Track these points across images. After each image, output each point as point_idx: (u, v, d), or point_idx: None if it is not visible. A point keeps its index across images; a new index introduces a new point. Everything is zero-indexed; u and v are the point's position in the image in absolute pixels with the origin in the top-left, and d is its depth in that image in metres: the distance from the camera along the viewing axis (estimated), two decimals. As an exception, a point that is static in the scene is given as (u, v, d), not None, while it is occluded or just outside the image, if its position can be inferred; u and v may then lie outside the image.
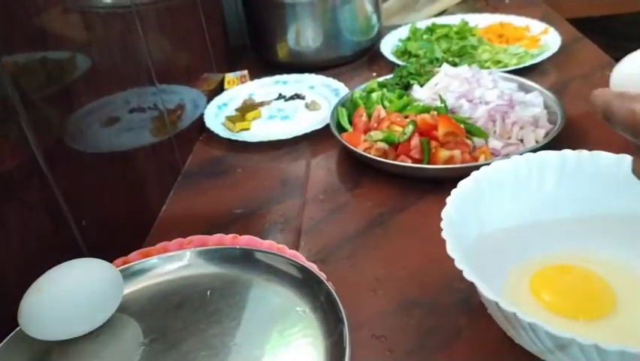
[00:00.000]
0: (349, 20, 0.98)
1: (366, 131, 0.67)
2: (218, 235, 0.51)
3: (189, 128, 0.76)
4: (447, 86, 0.74)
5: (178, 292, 0.43)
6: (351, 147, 0.64)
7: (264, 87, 0.93)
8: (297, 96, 0.88)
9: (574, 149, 0.45)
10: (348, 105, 0.77)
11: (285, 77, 0.94)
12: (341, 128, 0.73)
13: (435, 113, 0.66)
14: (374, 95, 0.76)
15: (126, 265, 0.45)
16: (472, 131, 0.65)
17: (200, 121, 0.81)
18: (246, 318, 0.40)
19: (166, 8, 0.70)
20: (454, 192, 0.42)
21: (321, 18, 0.96)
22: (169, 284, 0.44)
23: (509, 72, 0.78)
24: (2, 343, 0.37)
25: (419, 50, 0.95)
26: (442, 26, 1.04)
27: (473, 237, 0.42)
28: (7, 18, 0.39)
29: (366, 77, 0.94)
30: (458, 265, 0.35)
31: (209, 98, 0.86)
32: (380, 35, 1.05)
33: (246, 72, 0.97)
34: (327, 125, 0.72)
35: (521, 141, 0.65)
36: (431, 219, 0.41)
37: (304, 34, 0.97)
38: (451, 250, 0.36)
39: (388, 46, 1.01)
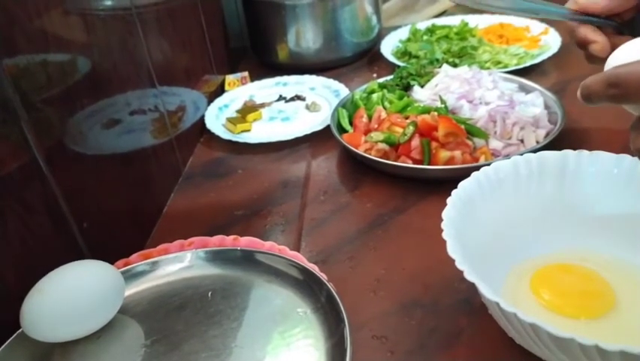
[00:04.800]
0: (349, 21, 0.98)
1: (367, 132, 0.68)
2: (219, 236, 0.51)
3: (190, 129, 0.76)
4: (447, 86, 0.74)
5: (179, 294, 0.43)
6: (351, 148, 0.64)
7: (265, 89, 0.93)
8: (298, 97, 0.88)
9: (574, 149, 0.45)
10: (349, 106, 0.77)
11: (285, 78, 0.94)
12: (341, 130, 0.73)
13: (435, 113, 0.66)
14: (374, 96, 0.76)
15: (127, 267, 0.45)
16: (472, 131, 0.65)
17: (200, 123, 0.81)
18: (247, 319, 0.40)
19: (166, 10, 0.70)
20: (454, 192, 0.42)
21: (322, 19, 0.96)
22: (170, 286, 0.44)
23: (509, 73, 0.78)
24: (4, 345, 0.37)
25: (419, 51, 0.95)
26: (442, 27, 1.04)
27: (474, 237, 0.42)
28: (7, 20, 0.39)
29: (366, 78, 0.95)
30: (459, 265, 0.35)
31: (210, 100, 0.87)
32: (380, 36, 1.05)
33: (246, 74, 0.97)
34: (328, 127, 0.72)
35: (522, 141, 0.65)
36: (432, 220, 0.41)
37: (304, 36, 0.97)
38: (451, 250, 0.36)
39: (388, 47, 1.01)
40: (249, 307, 0.41)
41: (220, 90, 0.93)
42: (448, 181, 0.46)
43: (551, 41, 0.92)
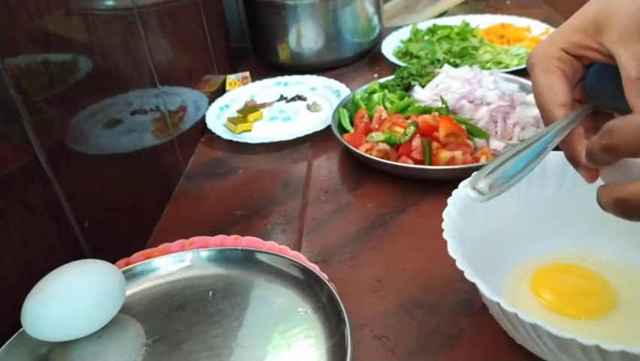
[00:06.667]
0: (350, 22, 0.98)
1: (368, 132, 0.68)
2: (220, 236, 0.51)
3: (191, 129, 0.76)
4: (448, 87, 0.74)
5: (180, 293, 0.43)
6: (352, 148, 0.64)
7: (266, 89, 0.93)
8: (299, 97, 0.88)
9: (575, 149, 0.45)
10: (350, 106, 0.77)
11: (286, 78, 0.94)
12: (342, 130, 0.73)
13: (436, 114, 0.66)
14: (375, 96, 0.76)
15: (129, 267, 0.45)
16: (473, 132, 0.65)
17: (202, 123, 0.81)
18: (248, 319, 0.40)
19: (168, 10, 0.70)
20: (455, 192, 0.42)
21: (323, 20, 0.96)
22: (171, 285, 0.44)
23: (510, 73, 0.78)
24: (5, 344, 0.37)
25: (420, 51, 0.95)
26: (443, 27, 1.05)
27: (474, 237, 0.42)
28: (9, 20, 0.39)
29: (367, 78, 0.95)
30: (459, 265, 0.35)
31: (211, 100, 0.87)
32: (381, 36, 1.05)
33: (247, 74, 0.97)
34: (329, 127, 0.72)
35: (522, 141, 0.65)
36: (432, 220, 0.41)
37: (305, 36, 0.97)
38: (452, 250, 0.36)
39: (389, 47, 1.01)
40: (249, 307, 0.41)
41: (221, 90, 0.93)
42: (449, 181, 0.46)
43: (552, 42, 0.92)
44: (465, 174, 0.44)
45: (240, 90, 0.92)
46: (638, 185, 0.29)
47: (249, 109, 0.84)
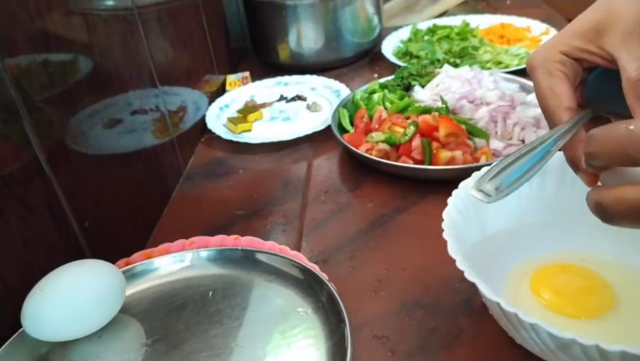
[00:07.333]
0: (350, 22, 0.98)
1: (368, 132, 0.68)
2: (220, 235, 0.51)
3: (191, 129, 0.77)
4: (448, 87, 0.74)
5: (180, 293, 0.43)
6: (352, 148, 0.64)
7: (266, 89, 0.93)
8: (299, 97, 0.88)
9: (575, 149, 0.45)
10: (350, 106, 0.77)
11: (286, 78, 0.94)
12: (342, 130, 0.73)
13: (436, 114, 0.66)
14: (375, 97, 0.76)
15: (129, 266, 0.45)
16: (473, 132, 0.65)
17: (202, 123, 0.81)
18: (248, 319, 0.40)
19: (167, 10, 0.70)
20: (455, 192, 0.42)
21: (323, 20, 0.96)
22: (171, 285, 0.44)
23: (510, 73, 0.78)
24: (5, 344, 0.37)
25: (420, 51, 0.95)
26: (443, 27, 1.05)
27: (474, 237, 0.42)
28: (9, 20, 0.39)
29: (367, 78, 0.95)
30: (459, 265, 0.35)
31: (211, 100, 0.87)
32: (381, 36, 1.05)
33: (247, 74, 0.97)
34: (329, 127, 0.72)
35: (523, 141, 0.65)
36: (432, 220, 0.41)
37: (305, 36, 0.97)
38: (452, 250, 0.36)
39: (389, 47, 1.01)
40: (249, 307, 0.41)
41: (221, 90, 0.93)
42: (449, 181, 0.46)
43: (552, 42, 0.92)
44: (465, 174, 0.44)
45: (240, 90, 0.92)
46: (618, 191, 0.29)
47: (249, 109, 0.84)
